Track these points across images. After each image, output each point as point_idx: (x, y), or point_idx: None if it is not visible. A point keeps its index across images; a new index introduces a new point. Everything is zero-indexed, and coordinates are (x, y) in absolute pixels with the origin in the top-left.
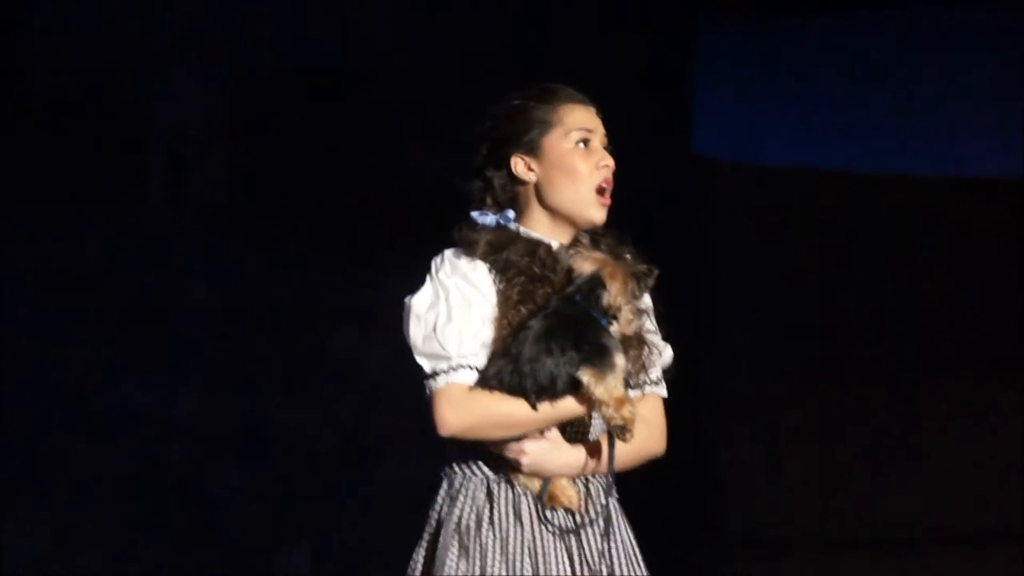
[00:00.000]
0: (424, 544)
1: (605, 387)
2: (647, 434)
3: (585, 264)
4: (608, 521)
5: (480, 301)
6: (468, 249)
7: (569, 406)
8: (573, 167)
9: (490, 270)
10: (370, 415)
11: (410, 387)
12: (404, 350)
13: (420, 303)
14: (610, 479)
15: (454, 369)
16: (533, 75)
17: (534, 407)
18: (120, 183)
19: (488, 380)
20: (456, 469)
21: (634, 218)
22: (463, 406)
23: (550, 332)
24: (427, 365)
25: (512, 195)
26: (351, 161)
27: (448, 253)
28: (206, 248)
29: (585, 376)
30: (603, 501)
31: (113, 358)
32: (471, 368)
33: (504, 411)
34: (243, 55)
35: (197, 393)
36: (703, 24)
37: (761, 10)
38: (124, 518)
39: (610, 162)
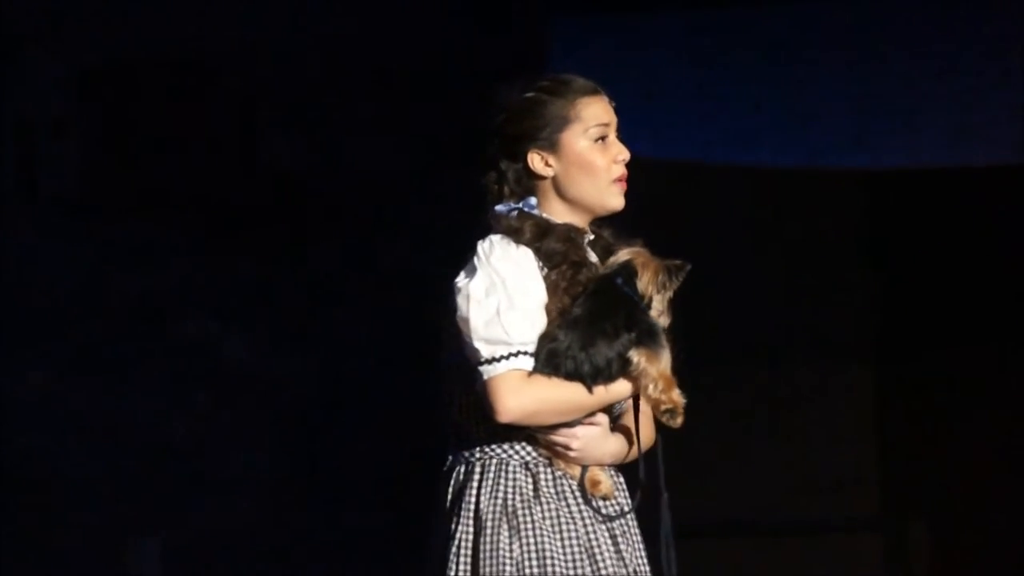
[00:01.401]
0: (467, 533)
1: (658, 368)
2: (650, 428)
3: (621, 254)
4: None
5: (535, 288)
6: (515, 236)
7: (620, 388)
8: (592, 163)
9: (536, 258)
10: (222, 404)
11: (262, 377)
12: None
13: (477, 288)
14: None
15: (515, 355)
16: (387, 66)
17: (590, 391)
18: None
19: (541, 366)
20: (490, 453)
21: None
22: (523, 392)
23: (599, 315)
24: (486, 351)
25: (528, 187)
26: (206, 148)
27: (496, 239)
28: (58, 234)
29: (638, 356)
30: (631, 489)
31: None
32: (529, 355)
33: (562, 397)
34: (97, 41)
35: (46, 380)
36: (556, 17)
37: (614, 2)
38: None
39: (626, 155)
